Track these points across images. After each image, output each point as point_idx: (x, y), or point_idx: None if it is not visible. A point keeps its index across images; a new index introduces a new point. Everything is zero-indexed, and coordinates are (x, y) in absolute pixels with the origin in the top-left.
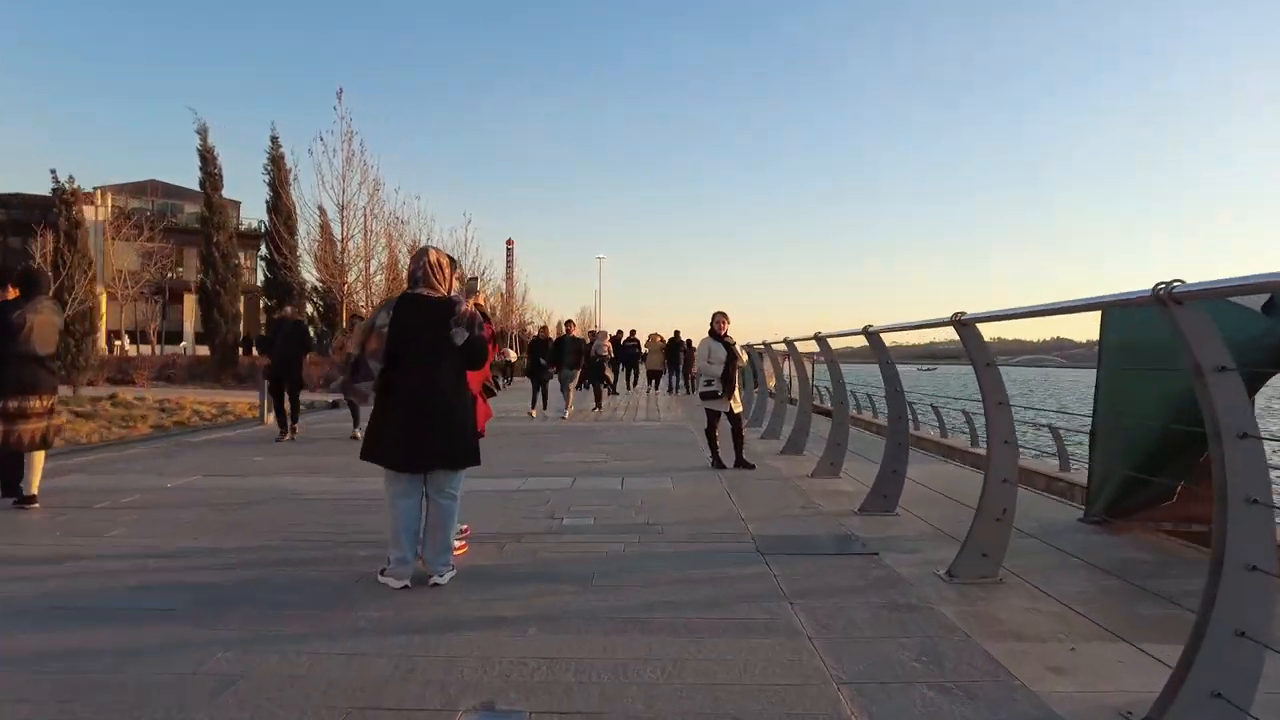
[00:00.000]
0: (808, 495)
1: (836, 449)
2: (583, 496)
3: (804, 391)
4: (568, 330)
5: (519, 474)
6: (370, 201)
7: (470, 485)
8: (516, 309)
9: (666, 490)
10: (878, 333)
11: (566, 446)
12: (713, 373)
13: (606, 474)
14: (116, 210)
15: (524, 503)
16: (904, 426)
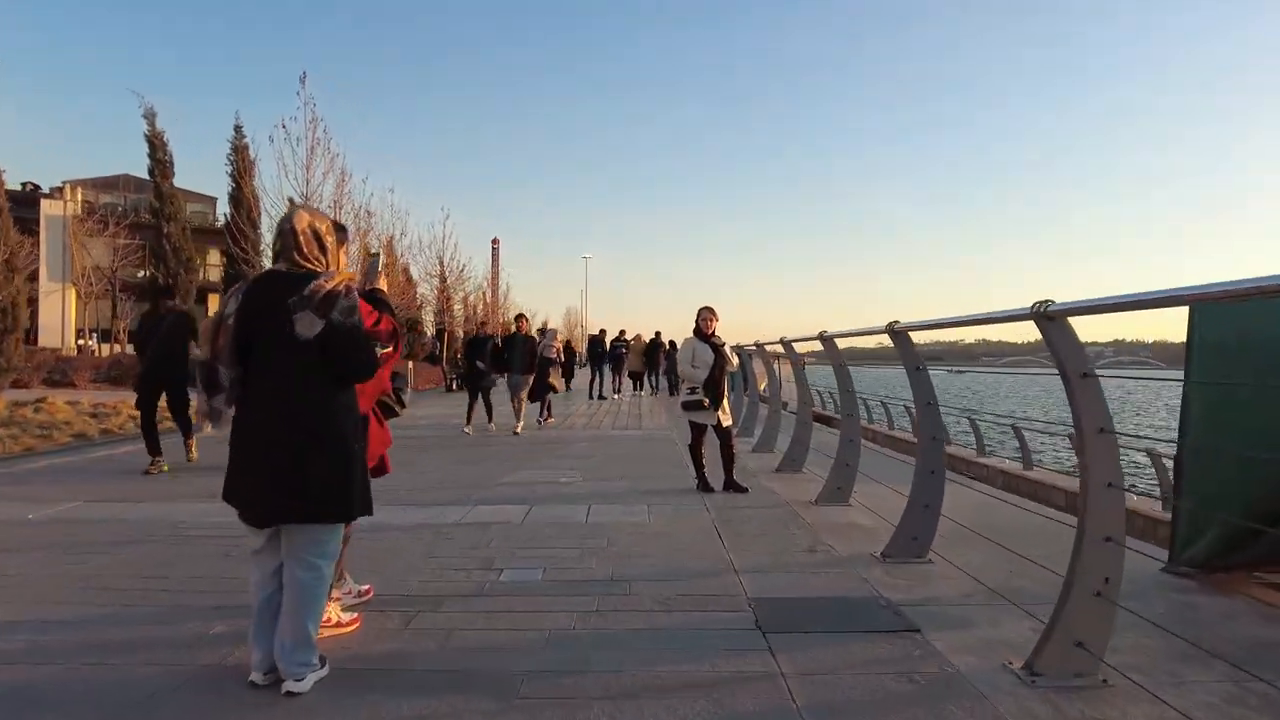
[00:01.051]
0: (815, 531)
1: (845, 471)
2: (536, 534)
3: (803, 399)
4: (518, 327)
5: (464, 501)
6: (336, 192)
7: (399, 517)
8: (500, 308)
9: (641, 525)
10: (906, 330)
11: (530, 462)
12: (697, 378)
13: (571, 499)
14: (86, 205)
15: (459, 544)
16: (939, 450)
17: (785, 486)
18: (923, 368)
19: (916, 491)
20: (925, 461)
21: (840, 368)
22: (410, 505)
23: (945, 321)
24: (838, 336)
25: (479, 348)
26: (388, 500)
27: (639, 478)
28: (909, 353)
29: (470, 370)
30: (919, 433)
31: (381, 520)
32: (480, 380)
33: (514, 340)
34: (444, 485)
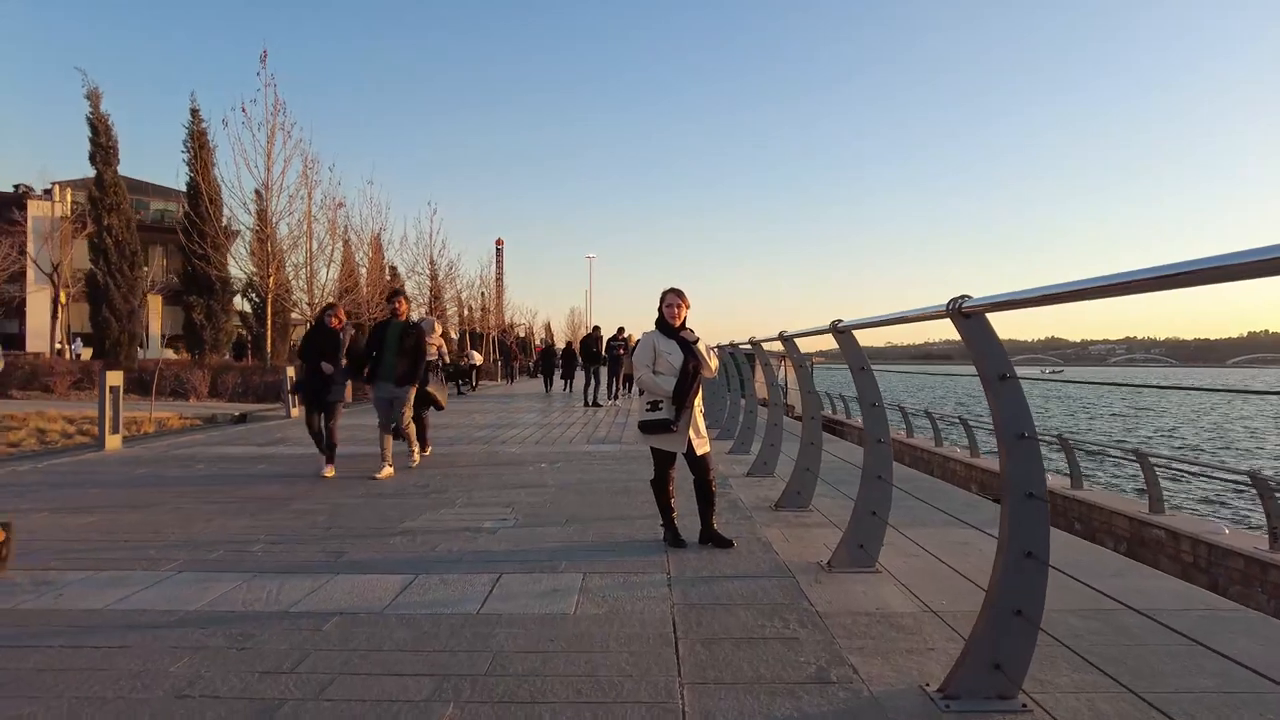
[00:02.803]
0: (829, 634)
1: (871, 523)
2: (388, 637)
3: (810, 405)
4: (394, 311)
5: (325, 565)
6: (301, 182)
7: (204, 594)
8: (503, 308)
9: (558, 619)
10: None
11: (462, 494)
12: (659, 389)
13: (478, 563)
14: (76, 206)
15: (248, 664)
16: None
17: (787, 535)
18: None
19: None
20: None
21: (862, 371)
22: (246, 571)
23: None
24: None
25: (321, 343)
26: (226, 560)
27: (591, 521)
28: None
29: (308, 376)
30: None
31: (156, 602)
32: (321, 392)
33: (387, 333)
34: (327, 533)
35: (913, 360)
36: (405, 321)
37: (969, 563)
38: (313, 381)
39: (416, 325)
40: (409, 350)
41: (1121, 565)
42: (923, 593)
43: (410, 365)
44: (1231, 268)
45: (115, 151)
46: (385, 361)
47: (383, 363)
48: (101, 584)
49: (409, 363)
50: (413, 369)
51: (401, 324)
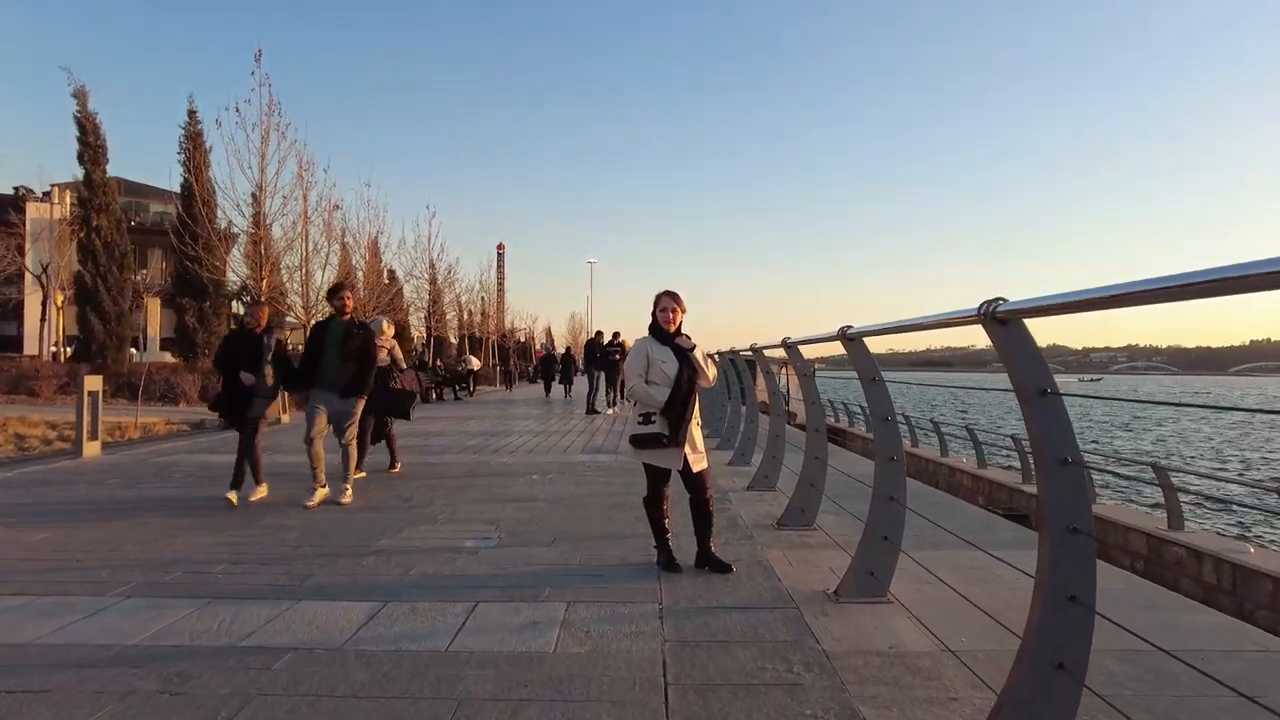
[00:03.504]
0: (838, 677)
1: (883, 548)
2: (343, 679)
3: (814, 417)
4: (337, 305)
5: (289, 589)
6: (295, 184)
7: (149, 625)
8: (504, 313)
9: (536, 657)
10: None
11: (445, 508)
12: (652, 400)
13: (454, 589)
14: (74, 209)
15: (178, 711)
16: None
17: (790, 558)
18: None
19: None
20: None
21: (874, 382)
22: (201, 597)
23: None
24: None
25: (241, 349)
26: (182, 583)
27: (581, 540)
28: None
29: (225, 389)
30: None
31: (93, 635)
32: (241, 407)
33: (328, 334)
34: (296, 552)
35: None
36: (350, 321)
37: (987, 592)
38: (232, 396)
39: (364, 325)
40: (354, 354)
41: (1152, 594)
42: (939, 628)
43: (357, 372)
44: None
45: (104, 151)
46: (327, 368)
47: (324, 370)
48: (38, 612)
49: (355, 369)
50: (360, 377)
51: (345, 324)
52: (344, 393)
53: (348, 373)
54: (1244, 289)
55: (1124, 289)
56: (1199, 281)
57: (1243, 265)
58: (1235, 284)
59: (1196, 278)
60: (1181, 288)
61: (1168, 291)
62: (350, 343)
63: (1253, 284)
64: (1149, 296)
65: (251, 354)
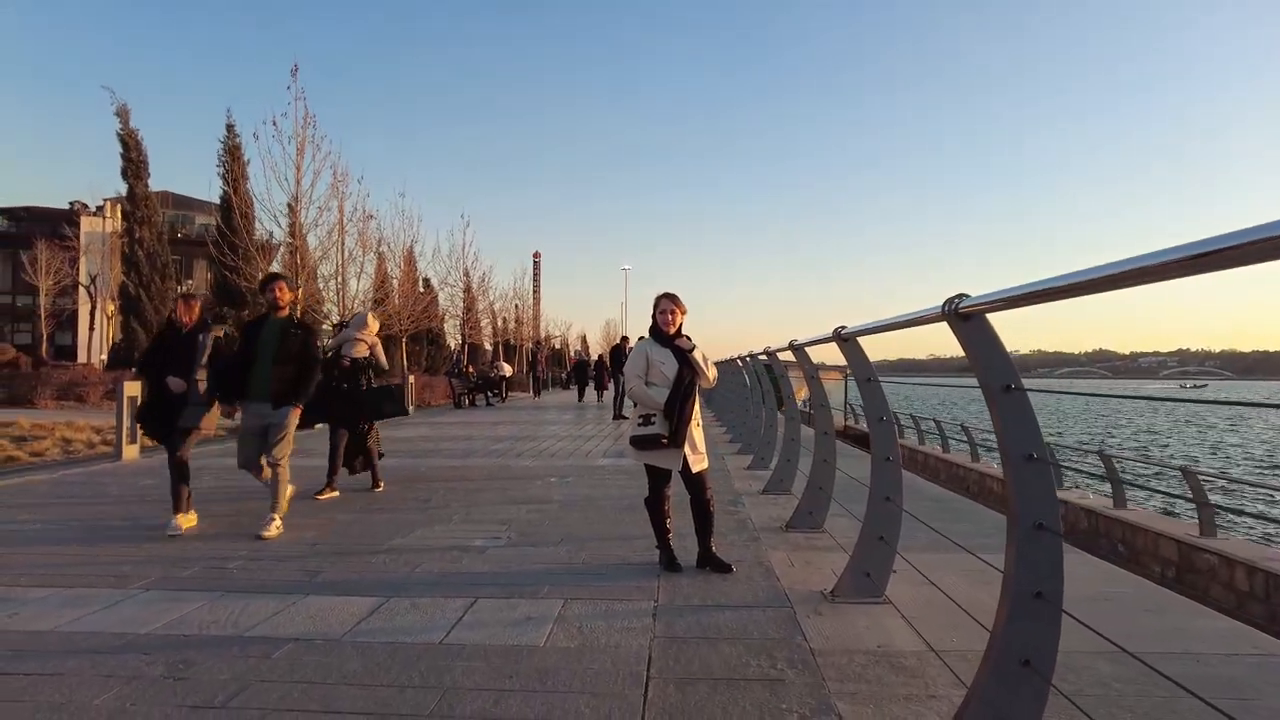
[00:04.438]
0: (820, 676)
1: (879, 550)
2: (337, 668)
3: (822, 419)
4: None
5: (299, 584)
6: (330, 195)
7: (161, 614)
8: (539, 320)
9: (526, 649)
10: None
11: (460, 509)
12: (652, 401)
13: (457, 585)
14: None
15: (180, 696)
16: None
17: (793, 560)
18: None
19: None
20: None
21: (869, 382)
22: (214, 590)
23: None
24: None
25: (168, 350)
26: (198, 577)
27: (586, 541)
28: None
29: (150, 397)
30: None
31: (109, 624)
32: (169, 417)
33: (262, 333)
34: (311, 550)
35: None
36: (288, 318)
37: (989, 595)
38: (157, 405)
39: (303, 325)
40: (293, 357)
41: (1163, 599)
42: (930, 629)
43: (295, 378)
44: None
45: (145, 166)
46: (258, 373)
47: (255, 375)
48: (61, 603)
49: (293, 375)
50: (297, 384)
51: (282, 321)
52: (276, 401)
53: (281, 379)
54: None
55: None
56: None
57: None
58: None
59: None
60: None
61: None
62: (287, 344)
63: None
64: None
65: (182, 356)
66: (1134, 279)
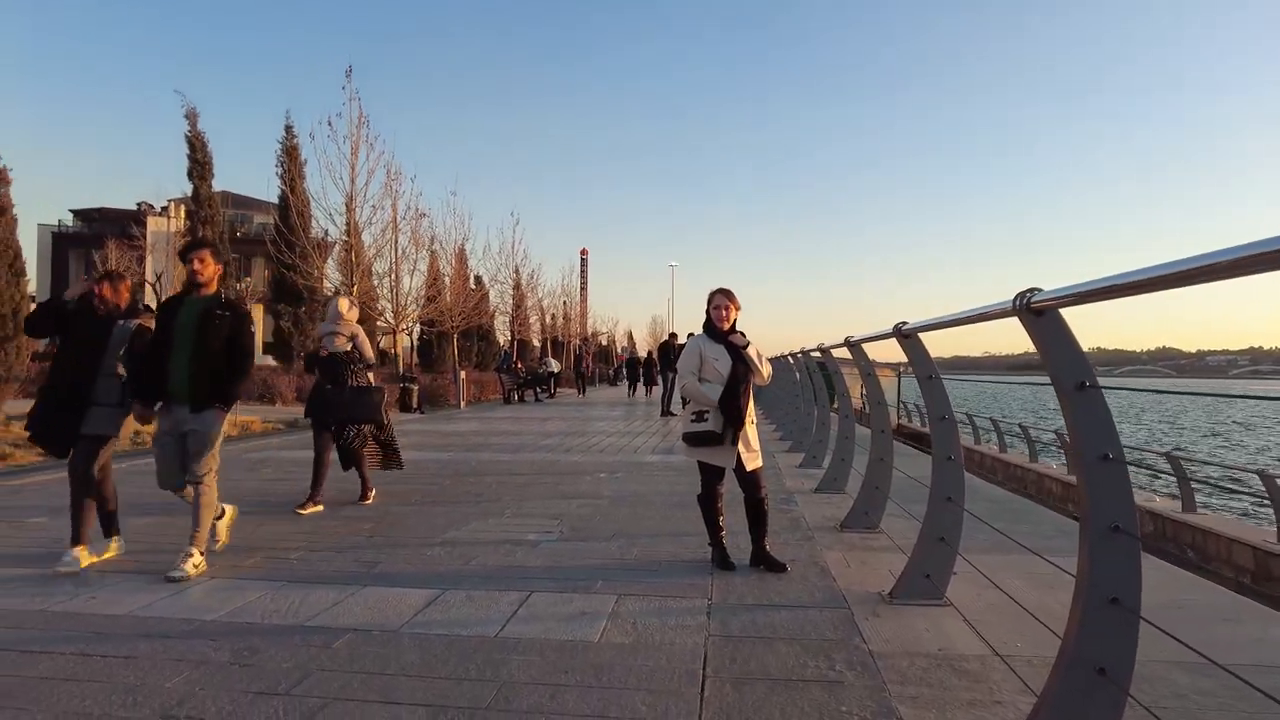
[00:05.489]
0: (881, 678)
1: (940, 551)
2: (394, 659)
3: (878, 417)
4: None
5: (355, 576)
6: (384, 194)
7: (224, 602)
8: (586, 317)
9: (581, 646)
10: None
11: (513, 502)
12: (705, 398)
13: (510, 579)
14: (188, 222)
15: (244, 681)
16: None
17: (849, 560)
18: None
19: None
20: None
21: (930, 379)
22: (276, 580)
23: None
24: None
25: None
26: (260, 567)
27: (638, 538)
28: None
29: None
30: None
31: (177, 610)
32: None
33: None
34: (369, 542)
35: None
36: (214, 297)
37: (1054, 599)
38: (61, 406)
39: (232, 305)
40: (218, 347)
41: (1240, 607)
42: (994, 633)
43: (220, 374)
44: None
45: (210, 167)
46: (175, 369)
47: (171, 369)
48: (134, 588)
49: (218, 370)
50: (223, 381)
51: (205, 301)
52: (196, 402)
53: (205, 374)
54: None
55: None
56: None
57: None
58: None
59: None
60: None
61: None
62: (210, 330)
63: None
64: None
65: (91, 344)
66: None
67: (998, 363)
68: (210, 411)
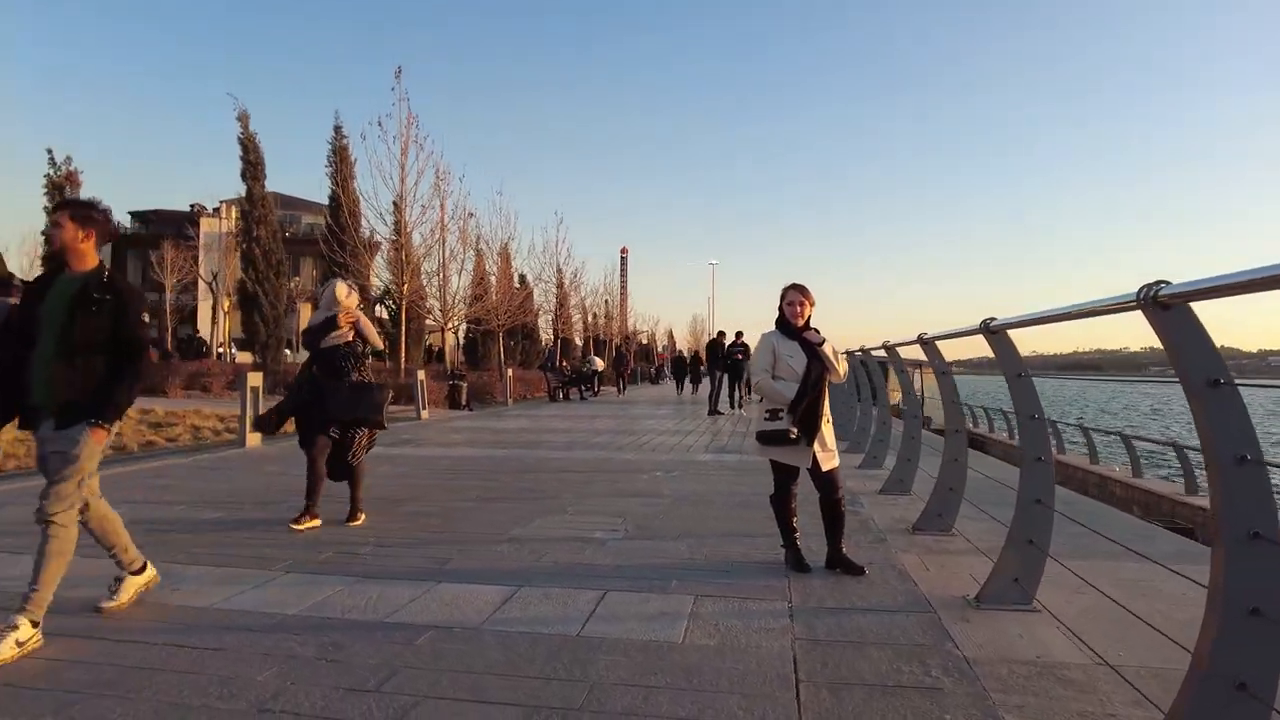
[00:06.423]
0: (982, 687)
1: (1029, 554)
2: (480, 657)
3: (953, 418)
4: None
5: (429, 572)
6: (434, 194)
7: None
8: (626, 316)
9: (665, 647)
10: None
11: (574, 500)
12: (780, 396)
13: (584, 576)
14: (239, 222)
15: (335, 677)
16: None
17: (926, 563)
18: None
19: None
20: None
21: (1020, 378)
22: (350, 575)
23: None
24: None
25: None
26: (334, 562)
27: (706, 538)
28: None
29: None
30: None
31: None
32: None
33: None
34: (437, 537)
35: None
36: (91, 274)
37: (1150, 605)
38: None
39: (113, 285)
40: (91, 340)
41: None
42: (1093, 640)
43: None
44: None
45: (262, 168)
46: (37, 369)
47: (34, 371)
48: (215, 581)
49: (93, 371)
50: (99, 386)
51: (79, 280)
52: (62, 417)
53: (75, 377)
54: None
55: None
56: None
57: None
58: None
59: None
60: None
61: None
62: (82, 318)
63: None
64: None
65: None
66: None
67: (1046, 362)
68: (78, 428)
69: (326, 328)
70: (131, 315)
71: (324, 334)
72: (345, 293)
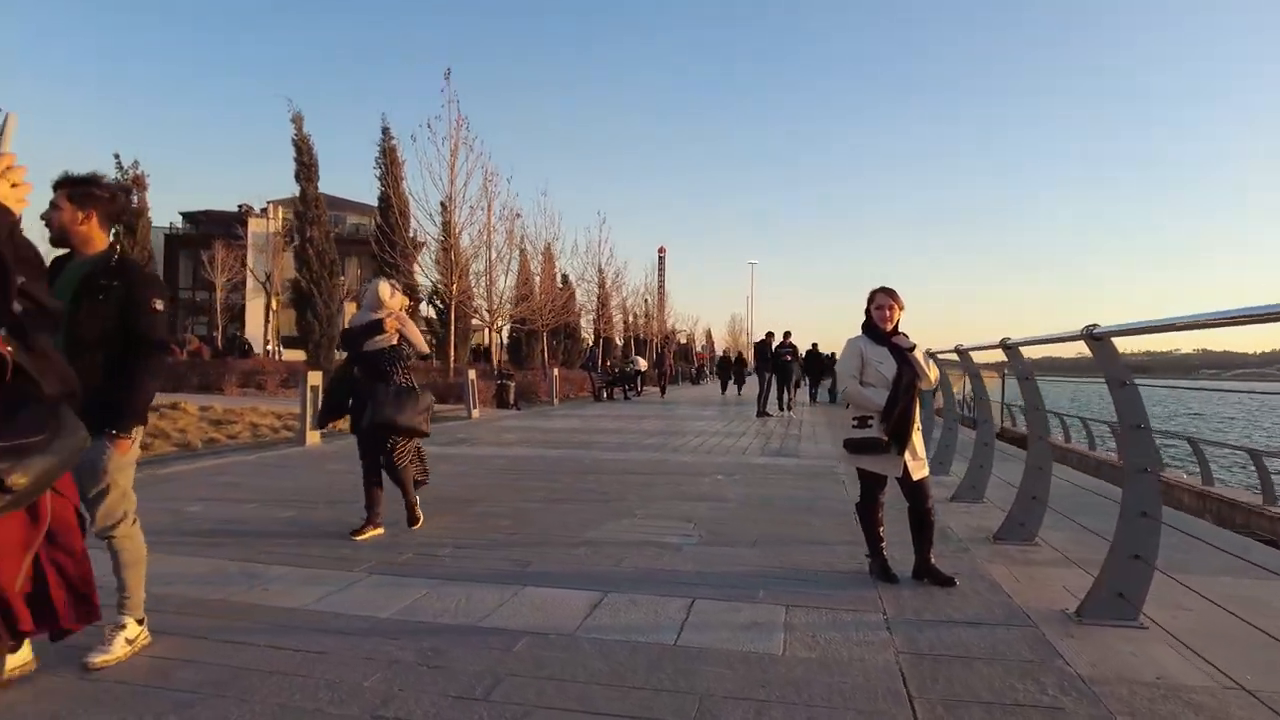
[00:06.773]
0: (1100, 698)
1: (1133, 568)
2: (583, 666)
3: (1036, 424)
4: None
5: (514, 575)
6: (482, 195)
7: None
8: (664, 315)
9: (766, 659)
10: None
11: (640, 503)
12: (870, 403)
13: (668, 584)
14: (286, 222)
15: (439, 685)
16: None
17: (1015, 574)
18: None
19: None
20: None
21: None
22: (434, 577)
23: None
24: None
25: None
26: (415, 564)
27: (782, 545)
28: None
29: None
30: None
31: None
32: None
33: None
34: (512, 539)
35: None
36: (100, 258)
37: (1269, 623)
38: None
39: (124, 268)
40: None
41: None
42: (1214, 660)
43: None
44: None
45: (315, 169)
46: None
47: None
48: (300, 581)
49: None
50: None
51: (91, 262)
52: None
53: (87, 378)
54: None
55: None
56: None
57: None
58: None
59: None
60: None
61: None
62: (90, 305)
63: None
64: None
65: None
66: None
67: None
68: (98, 441)
69: (369, 331)
70: (143, 304)
71: (366, 337)
72: (389, 293)
